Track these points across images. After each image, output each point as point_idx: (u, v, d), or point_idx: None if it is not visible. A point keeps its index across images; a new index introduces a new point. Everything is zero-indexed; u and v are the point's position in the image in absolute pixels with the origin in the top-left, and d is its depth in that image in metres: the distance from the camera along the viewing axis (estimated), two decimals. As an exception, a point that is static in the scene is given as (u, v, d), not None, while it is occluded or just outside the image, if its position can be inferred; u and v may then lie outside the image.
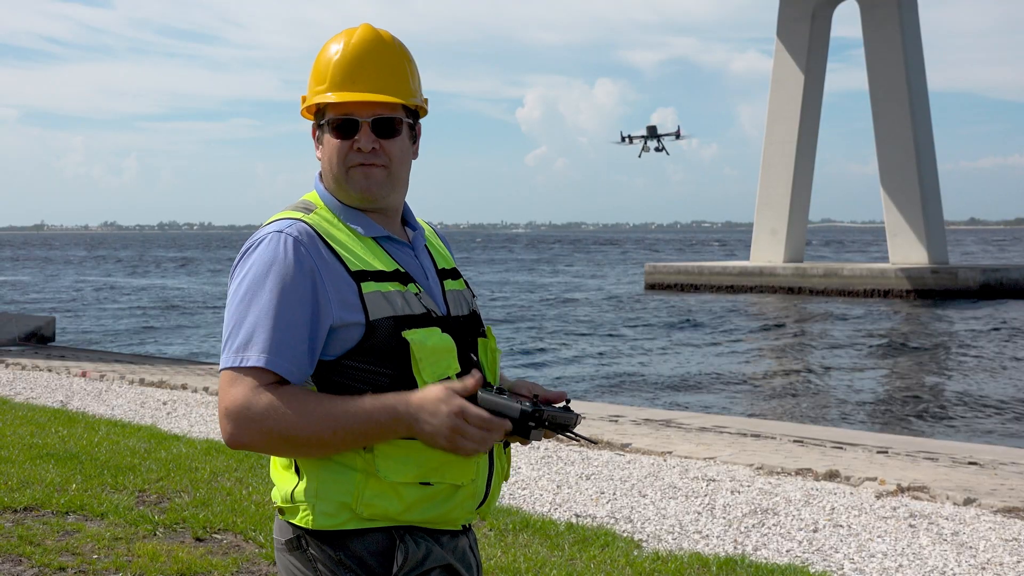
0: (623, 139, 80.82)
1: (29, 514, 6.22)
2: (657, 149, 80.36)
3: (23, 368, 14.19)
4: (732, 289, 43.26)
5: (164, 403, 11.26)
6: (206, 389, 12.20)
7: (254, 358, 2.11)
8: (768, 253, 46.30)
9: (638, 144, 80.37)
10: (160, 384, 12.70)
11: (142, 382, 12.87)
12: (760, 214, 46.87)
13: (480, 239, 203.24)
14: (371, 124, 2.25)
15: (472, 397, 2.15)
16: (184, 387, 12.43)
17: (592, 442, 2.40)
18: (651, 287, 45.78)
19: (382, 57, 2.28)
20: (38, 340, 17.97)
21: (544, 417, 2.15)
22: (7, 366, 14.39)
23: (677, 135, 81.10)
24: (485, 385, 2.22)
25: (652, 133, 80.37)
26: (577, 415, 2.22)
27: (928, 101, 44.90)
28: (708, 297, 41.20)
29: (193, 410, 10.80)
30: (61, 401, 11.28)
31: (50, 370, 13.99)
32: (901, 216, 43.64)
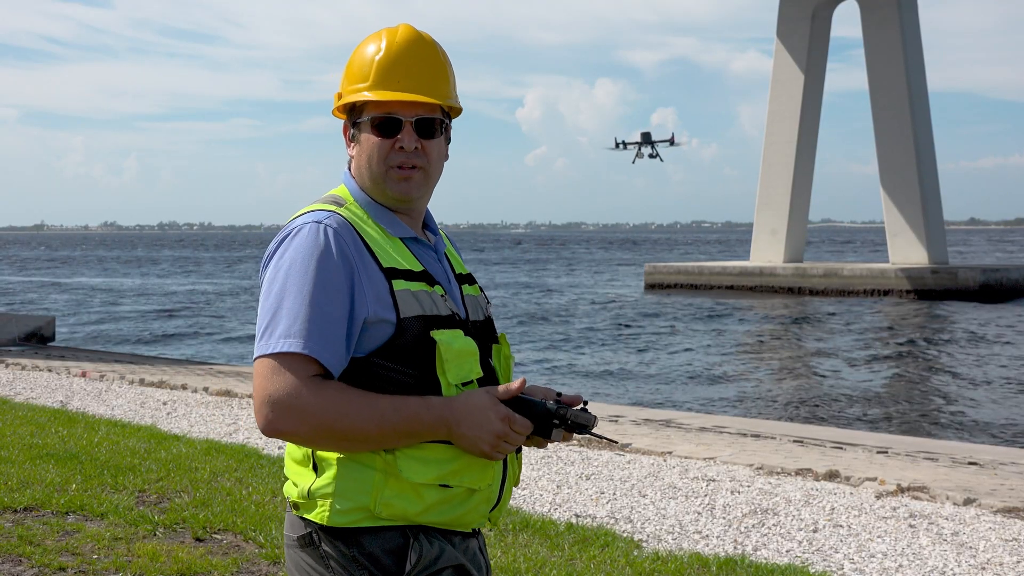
0: (617, 145, 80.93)
1: (29, 514, 6.22)
2: (651, 155, 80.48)
3: (23, 368, 14.19)
4: (732, 289, 43.24)
5: (164, 403, 11.26)
6: (206, 389, 12.20)
7: (299, 344, 2.10)
8: (768, 253, 46.30)
9: (632, 150, 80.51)
10: (160, 384, 12.70)
11: (142, 382, 12.87)
12: (760, 214, 46.86)
13: (484, 239, 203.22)
14: (414, 124, 2.26)
15: (509, 401, 2.19)
16: (184, 387, 12.43)
17: (613, 441, 2.42)
18: (651, 287, 45.78)
19: (424, 58, 2.30)
20: (38, 340, 17.97)
21: (568, 416, 2.19)
22: (7, 366, 14.39)
23: (671, 141, 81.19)
24: None
25: (646, 139, 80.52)
26: (595, 416, 2.25)
27: (928, 101, 44.89)
28: (708, 297, 41.19)
29: (193, 410, 10.80)
30: (61, 401, 11.28)
31: (50, 370, 13.99)
32: (901, 216, 43.63)
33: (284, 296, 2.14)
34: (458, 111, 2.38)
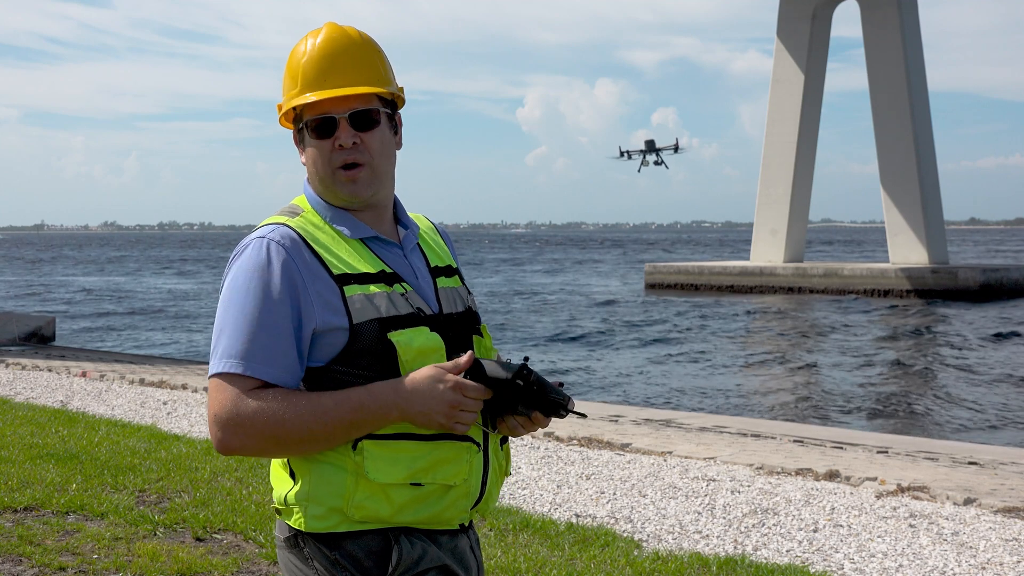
0: (622, 154, 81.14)
1: (29, 514, 6.22)
2: (656, 163, 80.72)
3: (23, 368, 14.19)
4: (732, 289, 43.25)
5: (164, 403, 11.26)
6: (206, 389, 12.19)
7: (239, 364, 2.12)
8: (768, 253, 46.31)
9: (637, 159, 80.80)
10: (160, 384, 12.70)
11: (142, 382, 12.87)
12: (760, 214, 46.87)
13: (488, 239, 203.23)
14: (348, 119, 2.24)
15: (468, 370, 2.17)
16: (184, 387, 12.44)
17: (581, 415, 2.35)
18: (651, 287, 45.79)
19: (349, 52, 2.28)
20: (38, 340, 17.97)
21: (532, 379, 2.14)
22: (7, 366, 14.39)
23: (676, 148, 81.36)
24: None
25: (651, 147, 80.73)
26: (569, 396, 2.21)
27: (928, 101, 44.88)
28: (708, 297, 41.20)
29: (193, 410, 10.80)
30: (61, 401, 11.28)
31: (50, 370, 14.00)
32: (901, 216, 43.63)
33: (227, 315, 2.16)
34: (401, 100, 2.35)
